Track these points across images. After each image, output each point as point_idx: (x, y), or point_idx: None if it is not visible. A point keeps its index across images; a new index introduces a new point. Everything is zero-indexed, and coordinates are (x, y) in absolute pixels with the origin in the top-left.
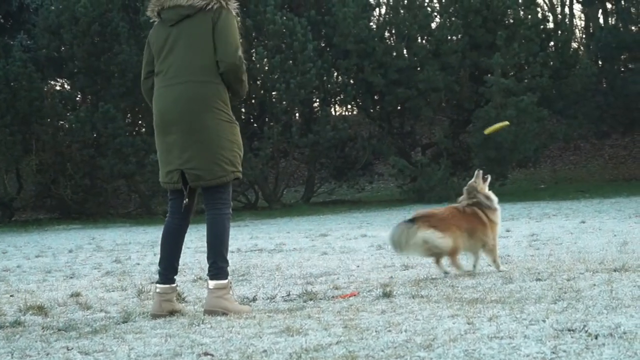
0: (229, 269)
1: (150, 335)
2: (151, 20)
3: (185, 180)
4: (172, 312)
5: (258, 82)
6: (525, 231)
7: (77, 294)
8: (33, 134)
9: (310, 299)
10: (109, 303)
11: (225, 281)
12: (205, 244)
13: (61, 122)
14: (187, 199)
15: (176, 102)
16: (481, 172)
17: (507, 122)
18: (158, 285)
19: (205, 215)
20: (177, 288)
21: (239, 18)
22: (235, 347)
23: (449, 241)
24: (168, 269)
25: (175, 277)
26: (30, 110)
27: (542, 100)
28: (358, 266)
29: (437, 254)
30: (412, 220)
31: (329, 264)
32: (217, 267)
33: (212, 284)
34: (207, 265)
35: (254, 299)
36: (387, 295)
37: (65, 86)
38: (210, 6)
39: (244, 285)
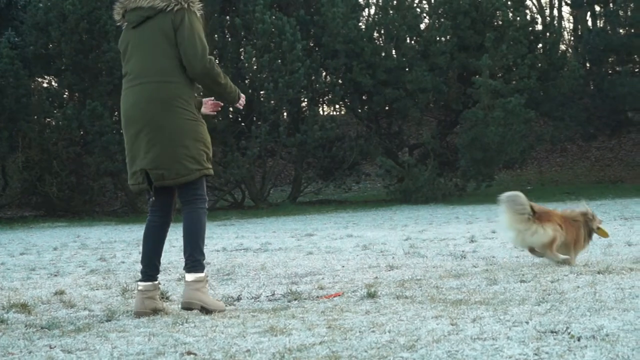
0: (205, 262)
1: (134, 334)
2: (118, 24)
3: (151, 180)
4: (155, 310)
5: (246, 81)
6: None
7: (61, 292)
8: (19, 131)
9: (295, 299)
10: (92, 301)
11: (203, 274)
12: None
13: (48, 120)
14: (153, 198)
15: (138, 103)
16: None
17: (608, 235)
18: (140, 283)
19: (182, 211)
20: (160, 286)
21: (202, 19)
22: (218, 347)
23: (549, 234)
24: (149, 266)
25: (157, 275)
26: (17, 107)
27: (530, 101)
28: (343, 266)
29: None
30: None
31: (314, 263)
32: (194, 259)
33: (189, 276)
34: (184, 259)
35: (239, 298)
36: (371, 295)
37: (53, 83)
38: (170, 7)
39: (229, 285)
